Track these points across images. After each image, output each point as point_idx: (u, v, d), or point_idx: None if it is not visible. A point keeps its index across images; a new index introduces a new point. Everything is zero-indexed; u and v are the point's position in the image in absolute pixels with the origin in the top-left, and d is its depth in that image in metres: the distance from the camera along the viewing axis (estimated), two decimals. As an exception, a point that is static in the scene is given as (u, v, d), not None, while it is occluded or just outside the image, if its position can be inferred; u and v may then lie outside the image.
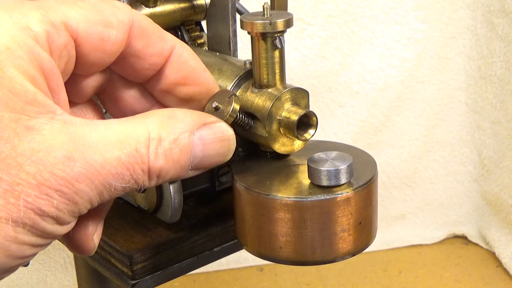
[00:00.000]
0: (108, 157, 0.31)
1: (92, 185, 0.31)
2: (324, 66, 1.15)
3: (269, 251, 0.43)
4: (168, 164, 0.34)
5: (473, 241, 1.25)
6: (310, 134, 0.44)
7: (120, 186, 0.32)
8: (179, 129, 0.34)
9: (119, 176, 0.32)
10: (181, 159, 0.34)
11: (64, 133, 0.30)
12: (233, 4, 0.48)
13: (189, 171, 0.35)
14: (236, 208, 0.45)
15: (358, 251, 0.44)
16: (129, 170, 0.32)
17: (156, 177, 0.34)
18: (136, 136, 0.33)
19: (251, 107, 0.44)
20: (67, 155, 0.30)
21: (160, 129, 0.33)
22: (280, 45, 0.43)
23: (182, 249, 0.49)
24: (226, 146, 0.37)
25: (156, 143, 0.33)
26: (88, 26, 0.33)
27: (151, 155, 0.33)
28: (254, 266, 1.17)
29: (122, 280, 0.48)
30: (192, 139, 0.35)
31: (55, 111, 0.30)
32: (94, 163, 0.31)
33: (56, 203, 0.30)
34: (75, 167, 0.30)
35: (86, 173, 0.31)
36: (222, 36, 0.49)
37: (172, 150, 0.34)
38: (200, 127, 0.35)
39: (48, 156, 0.30)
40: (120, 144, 0.32)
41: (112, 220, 0.52)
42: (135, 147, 0.32)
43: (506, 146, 1.18)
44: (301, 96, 0.44)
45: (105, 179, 0.31)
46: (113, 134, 0.32)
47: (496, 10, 1.14)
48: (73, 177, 0.30)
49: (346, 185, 0.42)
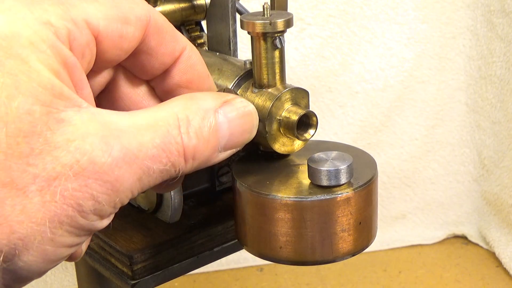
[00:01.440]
0: (143, 140, 0.31)
1: (131, 170, 0.30)
2: (324, 66, 1.15)
3: (269, 251, 0.43)
4: (201, 144, 0.33)
5: (473, 241, 1.25)
6: (310, 134, 0.44)
7: (158, 169, 0.31)
8: (204, 108, 0.34)
9: (156, 159, 0.31)
10: (211, 138, 0.34)
11: (95, 121, 0.30)
12: (233, 4, 0.48)
13: (219, 153, 0.35)
14: (236, 208, 0.45)
15: (358, 251, 0.44)
16: (165, 152, 0.31)
17: (192, 159, 0.33)
18: (165, 119, 0.32)
19: (251, 107, 0.44)
20: (104, 140, 0.29)
21: (186, 110, 0.33)
22: (280, 45, 0.43)
23: (182, 249, 0.49)
24: (250, 121, 0.37)
25: (185, 123, 0.33)
26: (109, 23, 0.32)
27: (184, 135, 0.32)
28: (254, 266, 1.17)
29: (122, 280, 0.48)
30: (217, 117, 0.35)
31: (81, 104, 0.30)
32: (131, 147, 0.30)
33: (95, 194, 0.29)
34: (113, 152, 0.29)
35: (124, 158, 0.30)
36: (222, 36, 0.49)
37: (202, 128, 0.33)
38: (222, 104, 0.35)
39: (84, 143, 0.29)
40: (151, 128, 0.31)
41: (112, 220, 0.52)
42: (167, 129, 0.32)
43: (506, 146, 1.18)
44: (301, 96, 0.44)
45: (143, 162, 0.30)
46: (142, 120, 0.31)
47: (496, 10, 1.14)
48: (112, 162, 0.29)
49: (346, 185, 0.42)
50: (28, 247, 0.28)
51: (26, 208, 0.28)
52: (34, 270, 0.29)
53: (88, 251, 0.51)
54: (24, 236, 0.28)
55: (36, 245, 0.28)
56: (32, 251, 0.28)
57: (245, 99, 0.38)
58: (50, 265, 0.30)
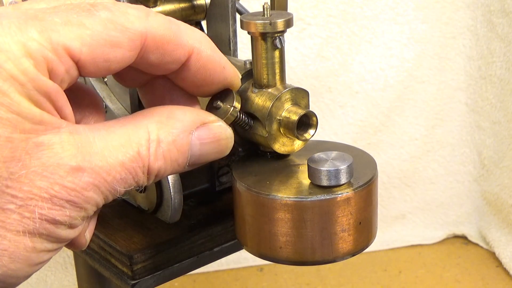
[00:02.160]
0: (113, 162, 0.33)
1: (99, 191, 0.33)
2: (324, 66, 1.15)
3: (269, 251, 0.43)
4: (167, 164, 0.35)
5: (473, 241, 1.25)
6: (310, 134, 0.44)
7: (123, 189, 0.34)
8: (177, 129, 0.35)
9: (123, 181, 0.33)
10: (179, 159, 0.35)
11: (71, 144, 0.32)
12: (233, 4, 0.48)
13: (185, 167, 0.36)
14: (236, 208, 0.45)
15: (358, 251, 0.44)
16: (132, 174, 0.34)
17: (154, 176, 0.35)
18: (137, 139, 0.34)
19: (251, 107, 0.44)
20: (76, 166, 0.32)
21: (159, 130, 0.34)
22: (280, 45, 0.43)
23: (182, 249, 0.49)
24: (224, 145, 0.38)
25: (155, 144, 0.34)
26: (92, 49, 0.32)
27: (151, 157, 0.34)
28: (254, 266, 1.17)
29: (122, 280, 0.48)
30: (190, 139, 0.35)
31: (60, 126, 0.32)
32: (101, 171, 0.32)
33: (68, 212, 0.32)
34: (83, 177, 0.32)
35: (94, 181, 0.32)
36: (222, 36, 0.49)
37: (170, 151, 0.35)
38: (199, 126, 0.36)
39: (58, 169, 0.31)
40: (123, 148, 0.33)
41: (112, 220, 0.52)
42: (137, 150, 0.33)
43: (506, 146, 1.18)
44: (301, 96, 0.44)
45: (111, 185, 0.33)
46: (115, 138, 0.33)
47: (496, 10, 1.14)
48: (82, 187, 0.32)
49: (346, 185, 0.42)
50: (12, 256, 0.31)
51: (5, 224, 0.31)
52: (20, 275, 0.32)
53: (88, 251, 0.51)
54: (7, 247, 0.31)
55: (20, 253, 0.31)
56: (17, 259, 0.31)
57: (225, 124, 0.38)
58: (35, 268, 0.33)
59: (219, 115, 0.40)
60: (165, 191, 0.48)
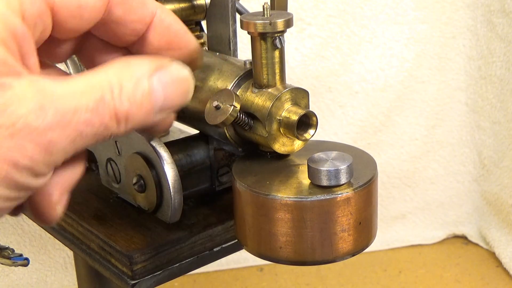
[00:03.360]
0: (77, 104, 0.32)
1: (64, 133, 0.32)
2: (324, 66, 1.15)
3: (269, 251, 0.43)
4: (133, 108, 0.35)
5: (473, 241, 1.25)
6: (310, 134, 0.44)
7: (91, 132, 0.33)
8: (137, 74, 0.35)
9: (89, 123, 0.33)
10: (144, 102, 0.35)
11: (33, 87, 0.31)
12: (233, 4, 0.48)
13: (155, 114, 0.36)
14: (236, 208, 0.45)
15: (358, 251, 0.44)
16: (98, 116, 0.33)
17: (124, 122, 0.35)
18: (98, 84, 0.34)
19: (251, 107, 0.44)
20: (38, 105, 0.31)
21: (119, 76, 0.34)
22: (280, 45, 0.43)
23: (182, 249, 0.49)
24: (185, 86, 0.38)
25: (118, 88, 0.34)
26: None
27: (116, 100, 0.34)
28: (254, 266, 1.17)
29: (122, 280, 0.48)
30: (151, 82, 0.36)
31: (21, 73, 0.32)
32: (65, 112, 0.32)
33: (30, 153, 0.31)
34: (47, 117, 0.31)
35: (58, 122, 0.31)
36: (222, 36, 0.49)
37: (134, 94, 0.35)
38: (156, 70, 0.36)
39: (20, 107, 0.30)
40: (85, 93, 0.33)
41: (112, 220, 0.52)
42: (100, 94, 0.33)
43: (506, 146, 1.18)
44: (301, 96, 0.44)
45: (76, 126, 0.32)
46: (77, 86, 0.33)
47: (496, 10, 1.14)
48: (46, 126, 0.31)
49: (346, 185, 0.42)
50: None
51: None
52: None
53: (88, 251, 0.51)
54: None
55: None
56: None
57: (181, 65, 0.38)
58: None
59: (219, 115, 0.40)
60: (165, 191, 0.48)
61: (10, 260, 0.62)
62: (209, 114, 0.42)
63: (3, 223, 1.11)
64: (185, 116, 0.49)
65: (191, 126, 0.51)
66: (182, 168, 0.50)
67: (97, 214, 0.53)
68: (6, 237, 1.12)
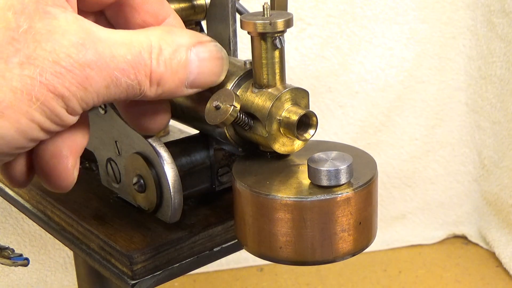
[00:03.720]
0: (116, 53, 0.33)
1: (101, 75, 0.33)
2: (324, 66, 1.15)
3: (269, 251, 0.43)
4: (168, 73, 0.36)
5: (473, 241, 1.25)
6: (310, 134, 0.44)
7: (125, 82, 0.34)
8: (177, 42, 0.36)
9: (125, 72, 0.33)
10: (179, 71, 0.36)
11: (76, 24, 0.32)
12: (233, 4, 0.48)
13: (185, 88, 0.37)
14: (236, 208, 0.45)
15: (358, 251, 0.44)
16: (134, 69, 0.34)
17: (156, 84, 0.35)
18: (139, 42, 0.34)
19: (251, 107, 0.44)
20: (80, 41, 0.32)
21: (160, 40, 0.35)
22: (280, 45, 0.43)
23: (182, 249, 0.49)
24: (220, 65, 0.39)
25: (157, 51, 0.35)
26: None
27: (153, 61, 0.35)
28: (254, 266, 1.17)
29: (122, 280, 0.48)
30: (188, 54, 0.37)
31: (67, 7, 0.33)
32: (104, 55, 0.33)
33: (68, 84, 0.31)
34: (87, 54, 0.32)
35: (97, 62, 0.32)
36: (222, 36, 0.49)
37: (171, 60, 0.36)
38: (196, 44, 0.37)
39: (63, 39, 0.31)
40: (126, 45, 0.34)
41: (112, 220, 0.52)
42: (139, 50, 0.34)
43: (506, 146, 1.18)
44: (301, 96, 0.44)
45: (113, 72, 0.33)
46: (119, 37, 0.34)
47: (496, 10, 1.14)
48: (85, 62, 0.32)
49: (346, 185, 0.42)
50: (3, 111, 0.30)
51: (5, 76, 0.30)
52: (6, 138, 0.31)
53: (88, 251, 0.51)
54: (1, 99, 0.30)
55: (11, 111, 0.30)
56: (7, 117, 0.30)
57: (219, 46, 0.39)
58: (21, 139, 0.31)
59: (219, 115, 0.40)
60: (165, 191, 0.48)
61: (10, 260, 0.62)
62: (209, 114, 0.42)
63: (3, 223, 1.11)
64: (185, 116, 0.49)
65: (191, 126, 0.51)
66: (182, 168, 0.50)
67: (97, 214, 0.53)
68: (6, 237, 1.12)
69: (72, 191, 0.39)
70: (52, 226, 0.55)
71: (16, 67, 0.30)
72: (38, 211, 0.57)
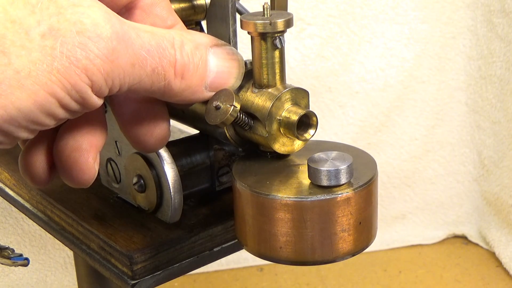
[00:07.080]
0: (142, 37, 0.33)
1: (127, 51, 0.32)
2: (324, 66, 1.15)
3: (269, 251, 0.43)
4: (191, 66, 0.36)
5: (473, 241, 1.25)
6: (310, 134, 0.44)
7: (151, 65, 0.33)
8: (197, 41, 0.37)
9: (151, 54, 0.33)
10: (200, 67, 0.36)
11: (103, 10, 0.31)
12: (233, 4, 0.48)
13: (204, 89, 0.37)
14: (236, 208, 0.45)
15: (358, 251, 0.44)
16: (159, 54, 0.33)
17: (181, 77, 0.35)
18: (163, 34, 0.34)
19: (251, 107, 0.44)
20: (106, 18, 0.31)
21: (182, 37, 0.36)
22: (280, 45, 0.43)
23: (182, 249, 0.49)
24: (236, 67, 0.40)
25: (180, 45, 0.35)
26: None
27: (177, 52, 0.35)
28: (254, 266, 1.17)
29: (122, 280, 0.48)
30: (208, 53, 0.37)
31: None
32: (129, 33, 0.32)
33: (93, 56, 0.30)
34: (114, 27, 0.31)
35: (123, 37, 0.31)
36: (222, 36, 0.49)
37: (193, 55, 0.36)
38: (214, 46, 0.38)
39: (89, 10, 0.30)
40: (148, 33, 0.34)
41: (112, 220, 0.52)
42: (163, 40, 0.34)
43: (506, 146, 1.18)
44: (301, 96, 0.44)
45: (140, 51, 0.32)
46: (143, 26, 0.34)
47: (496, 10, 1.14)
48: (112, 35, 0.31)
49: (346, 185, 0.42)
50: (21, 82, 0.29)
51: (25, 46, 0.29)
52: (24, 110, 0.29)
53: (88, 251, 0.51)
54: (20, 69, 0.29)
55: (30, 82, 0.29)
56: (25, 88, 0.29)
57: (235, 50, 0.40)
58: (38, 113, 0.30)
59: (219, 115, 0.40)
60: (165, 191, 0.48)
61: (10, 260, 0.62)
62: (209, 114, 0.42)
63: (3, 223, 1.11)
64: (185, 116, 0.49)
65: (191, 126, 0.51)
66: (182, 168, 0.50)
67: (97, 214, 0.53)
68: (6, 237, 1.12)
69: (72, 191, 0.39)
70: (52, 226, 0.55)
71: (37, 38, 0.29)
72: (38, 211, 0.57)
